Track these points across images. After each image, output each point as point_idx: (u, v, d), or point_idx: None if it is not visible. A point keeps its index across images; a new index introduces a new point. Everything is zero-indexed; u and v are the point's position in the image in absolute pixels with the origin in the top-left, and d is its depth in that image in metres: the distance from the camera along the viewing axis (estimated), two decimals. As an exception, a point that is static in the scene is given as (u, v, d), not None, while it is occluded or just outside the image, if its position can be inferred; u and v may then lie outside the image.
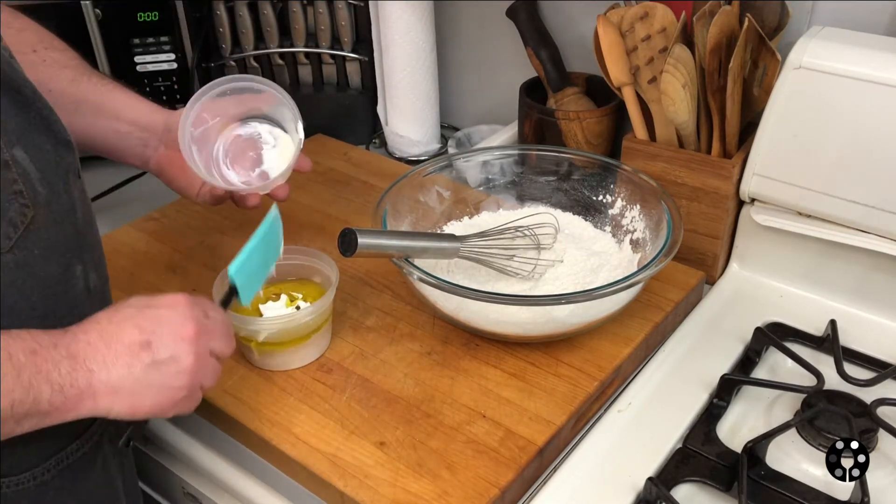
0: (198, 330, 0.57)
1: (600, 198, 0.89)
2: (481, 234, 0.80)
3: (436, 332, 0.78)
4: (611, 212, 0.88)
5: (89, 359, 0.52)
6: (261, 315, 0.74)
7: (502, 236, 0.80)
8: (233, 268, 0.62)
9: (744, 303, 0.84)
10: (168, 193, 1.03)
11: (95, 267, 0.63)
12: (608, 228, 0.88)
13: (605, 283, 0.72)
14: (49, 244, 0.56)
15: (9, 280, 0.53)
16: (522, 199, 0.93)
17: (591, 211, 0.90)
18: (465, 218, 0.91)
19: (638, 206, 0.84)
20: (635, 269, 0.79)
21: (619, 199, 0.87)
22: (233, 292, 0.63)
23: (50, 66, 0.74)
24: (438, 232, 0.88)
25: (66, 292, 0.58)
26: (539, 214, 0.87)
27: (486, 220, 0.90)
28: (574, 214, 0.90)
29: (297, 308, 0.74)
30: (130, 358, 0.54)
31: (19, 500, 0.58)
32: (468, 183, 0.92)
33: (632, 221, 0.85)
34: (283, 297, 0.75)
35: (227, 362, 0.75)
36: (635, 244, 0.83)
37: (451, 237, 0.79)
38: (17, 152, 0.52)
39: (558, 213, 0.90)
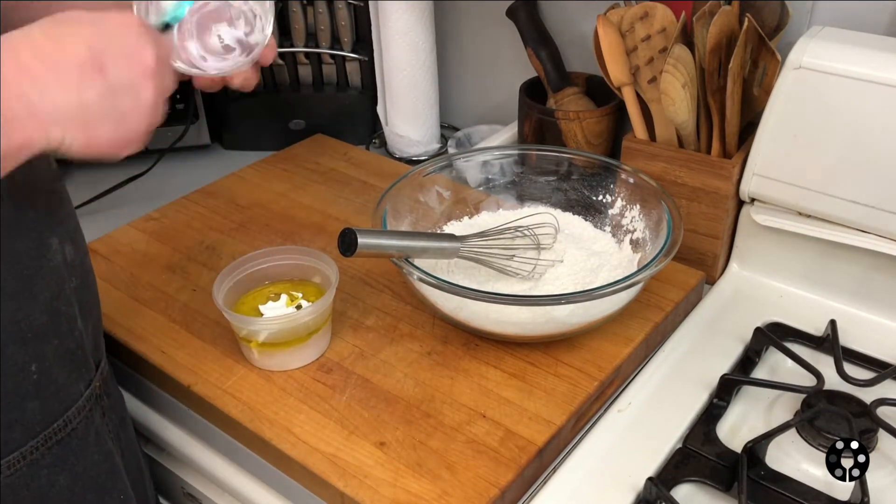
0: (158, 59, 0.49)
1: (600, 198, 0.89)
2: (481, 234, 0.80)
3: (436, 332, 0.78)
4: (611, 212, 0.88)
5: (25, 84, 0.43)
6: (261, 315, 0.74)
7: (502, 236, 0.80)
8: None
9: (744, 303, 0.84)
10: (168, 193, 1.03)
11: (71, 239, 0.61)
12: (608, 228, 0.88)
13: (605, 283, 0.72)
14: (16, 219, 0.54)
15: None
16: (522, 199, 0.93)
17: (591, 211, 0.90)
18: (465, 218, 0.91)
19: (638, 206, 0.84)
20: (635, 269, 0.79)
21: (619, 199, 0.87)
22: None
23: None
24: (438, 232, 0.88)
25: (42, 267, 0.57)
26: (539, 214, 0.87)
27: (486, 220, 0.90)
28: (574, 214, 0.90)
29: (298, 308, 0.74)
30: (80, 81, 0.46)
31: (14, 484, 0.57)
32: (468, 183, 0.92)
33: (632, 221, 0.85)
34: (284, 297, 0.76)
35: (227, 362, 0.75)
36: (635, 244, 0.83)
37: (451, 237, 0.78)
38: None
39: (558, 213, 0.90)
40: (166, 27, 0.58)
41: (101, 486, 0.65)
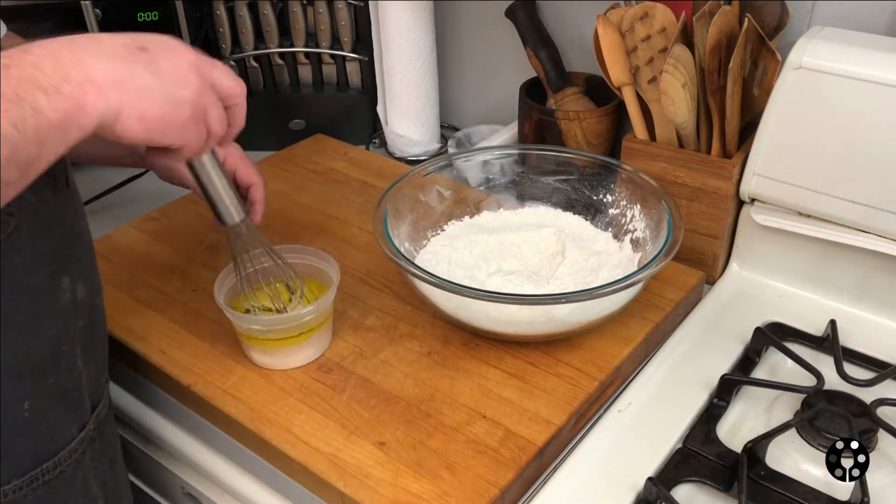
0: (198, 58, 0.52)
1: (600, 197, 0.89)
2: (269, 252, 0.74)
3: (436, 332, 0.78)
4: (611, 211, 0.88)
5: (77, 51, 0.45)
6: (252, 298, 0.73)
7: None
8: None
9: (744, 303, 0.84)
10: (168, 193, 1.03)
11: (84, 279, 0.61)
12: (608, 228, 0.88)
13: (606, 283, 0.72)
14: (33, 254, 0.54)
15: None
16: (523, 198, 0.93)
17: (591, 210, 0.90)
18: (466, 217, 0.91)
19: (638, 206, 0.84)
20: (635, 268, 0.79)
21: (620, 199, 0.87)
22: None
23: None
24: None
25: (50, 304, 0.56)
26: (544, 228, 0.85)
27: (486, 219, 0.91)
28: (574, 214, 0.90)
29: (290, 298, 0.73)
30: (127, 54, 0.48)
31: None
32: (468, 183, 0.92)
33: (632, 221, 0.85)
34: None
35: (227, 362, 0.75)
36: (635, 244, 0.83)
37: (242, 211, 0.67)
38: None
39: (558, 212, 0.90)
40: None
41: None
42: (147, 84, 0.48)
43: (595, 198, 0.89)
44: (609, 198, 0.88)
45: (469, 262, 0.82)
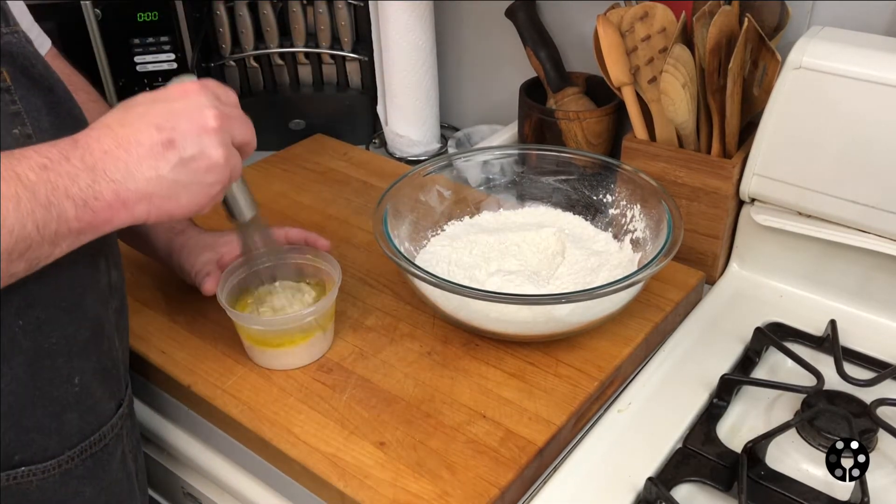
0: (219, 117, 0.53)
1: (600, 197, 0.89)
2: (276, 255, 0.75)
3: (436, 332, 0.78)
4: (611, 211, 0.88)
5: (110, 169, 0.49)
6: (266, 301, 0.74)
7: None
8: None
9: (744, 303, 0.84)
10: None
11: (115, 264, 0.63)
12: (608, 228, 0.88)
13: (606, 283, 0.72)
14: None
15: (37, 273, 0.51)
16: (523, 198, 0.93)
17: (591, 210, 0.90)
18: (466, 217, 0.91)
19: (638, 206, 0.84)
20: (635, 268, 0.79)
21: (620, 199, 0.87)
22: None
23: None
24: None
25: (92, 286, 0.59)
26: (544, 228, 0.86)
27: (486, 219, 0.91)
28: (574, 214, 0.90)
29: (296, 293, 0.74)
30: (155, 160, 0.50)
31: (44, 488, 0.59)
32: (468, 183, 0.92)
33: (632, 221, 0.85)
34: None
35: (227, 362, 0.75)
36: (635, 244, 0.83)
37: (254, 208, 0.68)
38: None
39: (558, 212, 0.90)
40: None
41: (119, 502, 0.67)
42: (174, 191, 0.52)
43: (595, 198, 0.89)
44: (609, 198, 0.88)
45: (469, 262, 0.82)
